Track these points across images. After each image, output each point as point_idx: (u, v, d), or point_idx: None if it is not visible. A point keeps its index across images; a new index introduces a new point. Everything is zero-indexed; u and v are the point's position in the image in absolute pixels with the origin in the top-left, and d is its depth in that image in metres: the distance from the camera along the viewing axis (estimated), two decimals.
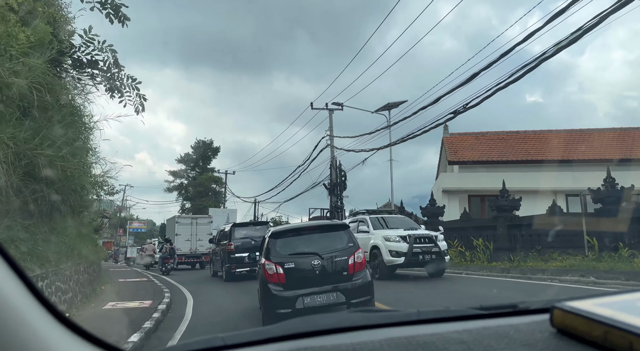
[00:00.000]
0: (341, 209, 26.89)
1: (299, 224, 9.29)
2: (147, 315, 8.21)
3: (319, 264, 6.99)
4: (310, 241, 7.48)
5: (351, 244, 7.41)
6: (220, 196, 57.53)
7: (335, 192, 26.78)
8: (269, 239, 7.51)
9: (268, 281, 6.99)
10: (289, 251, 7.26)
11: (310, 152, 27.49)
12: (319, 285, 6.92)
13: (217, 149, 66.69)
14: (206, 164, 64.87)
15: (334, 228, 7.94)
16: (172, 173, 65.59)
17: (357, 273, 7.16)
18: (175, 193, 65.11)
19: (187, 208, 63.04)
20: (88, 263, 12.32)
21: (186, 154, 66.17)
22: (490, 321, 1.00)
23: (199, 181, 60.42)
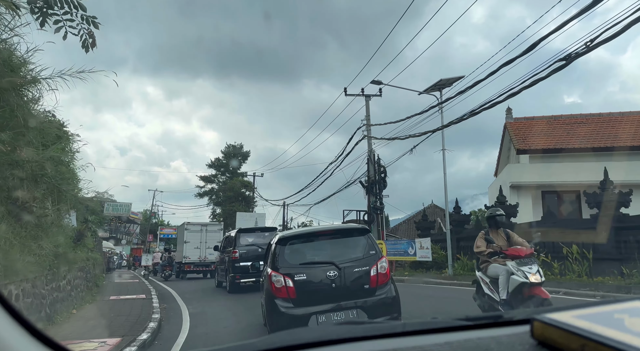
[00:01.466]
0: (381, 210, 22.52)
1: (312, 229, 7.95)
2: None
3: (336, 276, 5.99)
4: (325, 248, 6.45)
5: (373, 251, 6.35)
6: (250, 200, 54.30)
7: (373, 190, 22.48)
8: (276, 245, 6.38)
9: (275, 296, 5.96)
10: (299, 260, 6.23)
11: (344, 146, 23.34)
12: (335, 301, 5.90)
13: (246, 153, 64.16)
14: (236, 168, 62.56)
15: (352, 233, 6.79)
16: (203, 178, 63.54)
17: (380, 287, 6.10)
18: (206, 198, 63.05)
19: (218, 213, 61.13)
20: (57, 275, 8.78)
21: (216, 159, 64.03)
22: (473, 332, 0.99)
23: (229, 185, 57.84)
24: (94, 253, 17.93)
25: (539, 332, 0.79)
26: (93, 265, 15.74)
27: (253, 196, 52.76)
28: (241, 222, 42.25)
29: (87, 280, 13.93)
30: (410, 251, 19.92)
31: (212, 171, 62.81)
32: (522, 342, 0.83)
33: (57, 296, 9.18)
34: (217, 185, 61.86)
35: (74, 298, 10.83)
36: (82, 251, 13.04)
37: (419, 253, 19.44)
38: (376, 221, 22.34)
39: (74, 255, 11.44)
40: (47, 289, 8.47)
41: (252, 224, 42.19)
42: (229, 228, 51.99)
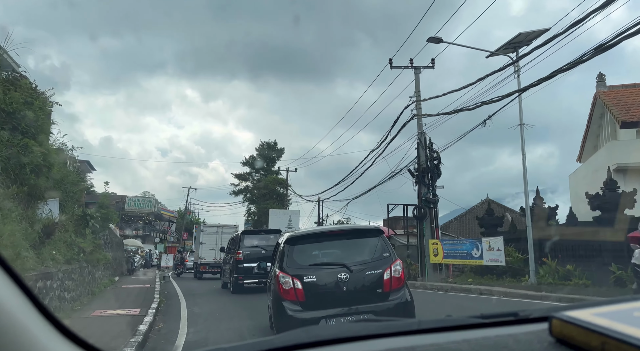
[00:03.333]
0: (435, 203, 18.42)
1: (322, 228, 7.76)
2: None
3: (347, 279, 5.39)
4: (336, 249, 5.92)
5: (387, 254, 5.75)
6: (284, 197, 51.08)
7: (425, 180, 18.42)
8: (285, 245, 5.83)
9: (283, 298, 5.42)
10: (309, 261, 5.67)
11: (388, 130, 19.37)
12: (346, 305, 5.32)
13: (281, 150, 61.16)
14: (270, 166, 59.76)
15: (365, 234, 6.24)
16: (238, 176, 61.06)
17: (394, 291, 5.52)
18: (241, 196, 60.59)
19: (253, 211, 58.63)
20: None
21: (251, 157, 61.40)
22: (490, 330, 0.96)
23: (263, 183, 55.03)
24: (98, 252, 14.79)
25: (557, 330, 0.77)
26: (90, 267, 12.53)
27: (287, 193, 49.54)
28: (274, 219, 39.03)
29: (76, 287, 10.67)
30: (475, 254, 15.77)
31: (247, 169, 60.36)
32: (541, 340, 0.81)
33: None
34: (251, 183, 59.38)
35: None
36: (61, 250, 9.76)
37: (486, 255, 15.27)
38: (429, 216, 18.26)
39: (38, 257, 8.12)
40: None
41: (286, 222, 38.97)
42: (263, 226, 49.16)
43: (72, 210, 12.62)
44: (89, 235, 14.11)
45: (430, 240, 17.82)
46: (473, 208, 28.30)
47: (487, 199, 28.74)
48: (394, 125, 19.02)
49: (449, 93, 14.42)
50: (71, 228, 12.17)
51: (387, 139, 19.56)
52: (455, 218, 26.96)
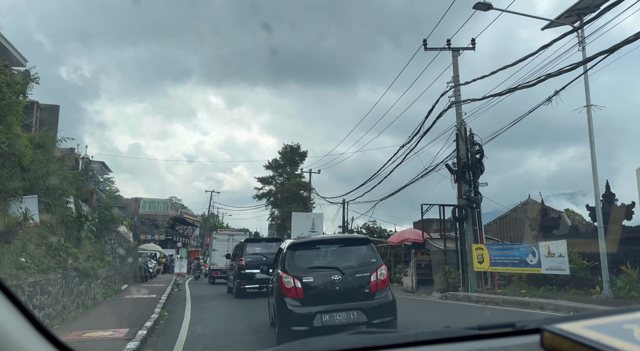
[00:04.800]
0: (477, 203, 15.95)
1: (319, 237, 8.38)
2: None
3: (339, 280, 6.17)
4: (330, 255, 6.70)
5: (374, 260, 6.57)
6: (308, 201, 48.94)
7: (466, 177, 15.99)
8: (287, 251, 6.64)
9: (285, 295, 6.16)
10: (307, 265, 6.46)
11: (422, 121, 17.02)
12: (338, 302, 6.07)
13: (304, 153, 59.30)
14: (294, 169, 57.95)
15: (355, 242, 7.09)
16: (261, 180, 59.53)
17: (379, 292, 6.30)
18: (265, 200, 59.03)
19: (276, 215, 56.97)
20: None
21: (274, 160, 59.77)
22: (484, 342, 0.97)
23: (286, 187, 53.23)
24: (99, 258, 13.00)
25: (548, 342, 0.77)
26: (83, 277, 10.68)
27: (310, 196, 47.46)
28: (297, 223, 36.94)
29: (55, 302, 8.81)
30: (531, 261, 13.23)
31: (270, 173, 58.77)
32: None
33: None
34: (274, 187, 57.76)
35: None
36: (36, 257, 7.88)
37: (545, 262, 12.72)
38: (471, 217, 15.80)
39: None
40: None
41: (309, 225, 36.80)
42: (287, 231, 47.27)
43: (64, 210, 10.82)
44: (86, 239, 12.32)
45: (473, 245, 15.35)
46: (514, 210, 25.49)
47: (542, 201, 25.74)
48: (429, 114, 16.69)
49: (499, 71, 11.99)
50: (60, 231, 10.37)
51: (421, 131, 17.23)
52: (494, 220, 24.30)
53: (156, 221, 45.31)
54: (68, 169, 12.32)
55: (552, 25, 11.99)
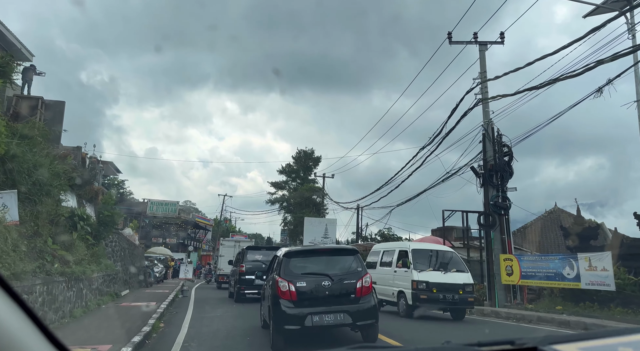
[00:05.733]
0: (506, 209, 14.52)
1: (312, 247, 9.77)
2: None
3: (329, 285, 6.79)
4: (322, 263, 7.25)
5: (360, 269, 7.18)
6: (321, 207, 47.58)
7: (493, 181, 14.60)
8: (283, 258, 7.25)
9: (280, 297, 6.70)
10: (301, 271, 7.03)
11: (444, 121, 15.69)
12: (327, 305, 6.69)
13: (318, 158, 58.13)
14: (307, 174, 56.83)
15: (344, 253, 7.77)
16: (274, 184, 58.51)
17: (364, 297, 6.90)
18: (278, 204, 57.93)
19: (289, 220, 55.86)
20: None
21: (287, 165, 58.77)
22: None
23: (299, 192, 52.04)
24: (95, 262, 11.97)
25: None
26: (73, 282, 9.62)
27: (323, 202, 46.15)
28: (309, 228, 35.70)
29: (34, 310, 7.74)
30: (569, 274, 11.75)
31: (283, 178, 57.75)
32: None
33: None
34: (287, 192, 56.62)
35: None
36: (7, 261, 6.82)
37: (586, 276, 11.24)
38: (500, 225, 14.37)
39: None
40: None
41: (322, 231, 35.54)
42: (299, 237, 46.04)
43: (55, 209, 9.80)
44: (80, 241, 11.30)
45: (501, 255, 13.92)
46: (538, 219, 23.86)
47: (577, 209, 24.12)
48: (452, 113, 15.38)
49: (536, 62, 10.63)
50: (47, 231, 9.34)
51: (443, 131, 15.90)
52: (518, 229, 22.72)
53: (168, 224, 44.58)
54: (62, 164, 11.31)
55: (597, 11, 10.63)
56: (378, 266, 13.19)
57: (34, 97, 16.98)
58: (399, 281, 12.02)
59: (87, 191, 16.31)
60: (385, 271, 12.75)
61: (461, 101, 14.96)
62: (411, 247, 12.26)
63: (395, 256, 12.49)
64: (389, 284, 12.35)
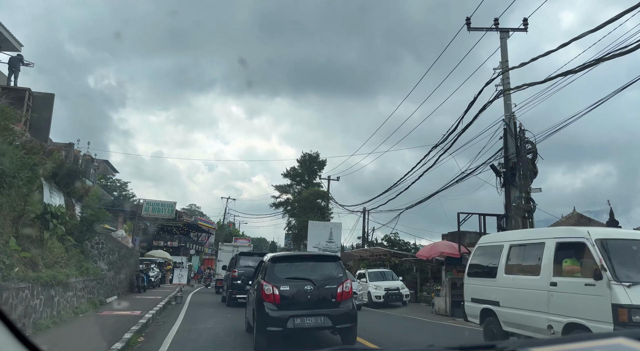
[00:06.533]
0: (530, 212, 13.08)
1: (296, 253, 10.01)
2: None
3: (311, 290, 7.01)
4: (305, 268, 7.47)
5: (341, 275, 7.44)
6: (325, 210, 46.06)
7: (515, 180, 13.18)
8: (269, 263, 7.51)
9: (264, 300, 6.93)
10: (285, 275, 7.24)
11: (461, 115, 14.32)
12: (309, 309, 6.92)
13: (323, 162, 56.85)
14: (312, 178, 55.53)
15: (327, 259, 8.06)
16: (278, 188, 57.24)
17: (344, 301, 7.15)
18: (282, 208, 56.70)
19: (293, 224, 54.55)
20: None
21: (292, 168, 57.55)
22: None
23: (304, 195, 50.69)
24: (73, 266, 10.68)
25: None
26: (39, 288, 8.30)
27: (327, 206, 44.68)
28: (314, 232, 34.29)
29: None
30: None
31: (288, 181, 56.49)
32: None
33: None
34: (292, 196, 55.37)
35: None
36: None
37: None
38: (524, 228, 12.91)
39: None
40: None
41: (327, 235, 34.11)
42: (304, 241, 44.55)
43: (22, 206, 8.51)
44: (56, 241, 10.01)
45: None
46: (556, 224, 22.33)
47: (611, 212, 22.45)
48: (469, 108, 13.99)
49: (572, 42, 9.25)
50: (10, 230, 8.04)
51: (459, 127, 14.51)
52: None
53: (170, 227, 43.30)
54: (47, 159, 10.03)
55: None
56: (501, 272, 7.73)
57: (20, 88, 15.85)
58: (565, 305, 6.33)
59: (76, 188, 15.07)
60: (522, 282, 7.22)
61: (480, 93, 13.58)
62: (595, 235, 6.21)
63: (550, 253, 6.71)
64: (535, 309, 6.79)
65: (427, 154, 17.10)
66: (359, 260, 26.95)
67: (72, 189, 14.95)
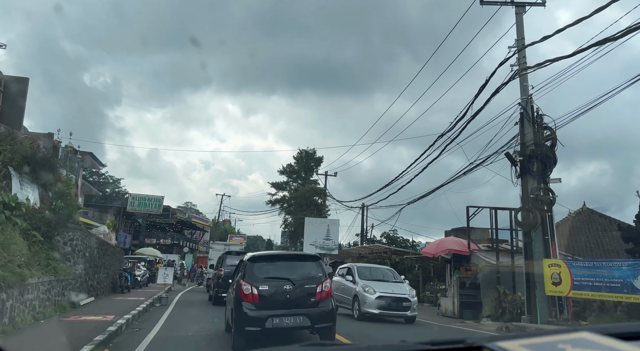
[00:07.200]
0: (549, 204, 11.81)
1: (276, 252, 9.61)
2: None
3: (290, 289, 6.93)
4: (285, 268, 7.43)
5: (320, 274, 7.38)
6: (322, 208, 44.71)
7: (533, 170, 11.90)
8: (248, 262, 7.38)
9: (243, 300, 6.85)
10: (264, 275, 7.15)
11: (471, 101, 13.02)
12: (288, 308, 6.85)
13: (320, 159, 55.63)
14: (309, 175, 54.33)
15: (307, 259, 8.03)
16: (274, 185, 55.99)
17: (323, 301, 7.10)
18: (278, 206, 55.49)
19: (289, 222, 53.42)
20: None
21: (288, 165, 56.31)
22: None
23: (300, 192, 49.47)
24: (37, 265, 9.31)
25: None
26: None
27: (324, 203, 43.32)
28: (310, 229, 32.95)
29: None
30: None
31: (284, 178, 55.24)
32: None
33: None
34: (288, 193, 54.15)
35: None
36: None
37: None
38: (544, 223, 11.66)
39: None
40: None
41: (324, 232, 32.79)
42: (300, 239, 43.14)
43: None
44: (17, 237, 8.63)
45: (545, 260, 11.19)
46: (565, 220, 21.15)
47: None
48: (480, 92, 12.69)
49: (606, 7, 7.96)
50: None
51: (467, 114, 13.21)
52: None
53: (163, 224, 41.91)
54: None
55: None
56: None
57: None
58: None
59: (52, 179, 13.69)
60: None
61: (493, 74, 12.28)
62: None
63: None
64: None
65: (433, 144, 15.82)
66: (358, 258, 25.66)
67: (49, 182, 13.59)
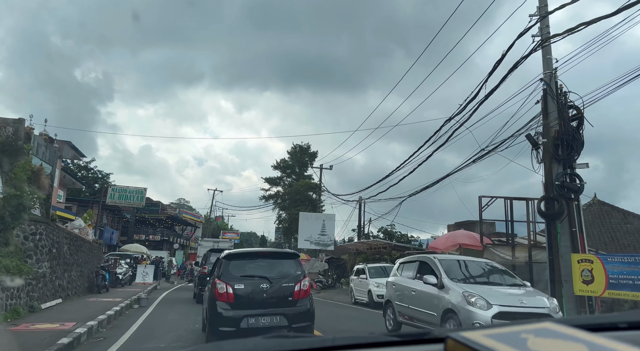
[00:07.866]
0: (576, 192, 10.40)
1: (253, 250, 8.90)
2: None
3: (267, 288, 6.74)
4: (262, 266, 7.20)
5: (299, 272, 7.16)
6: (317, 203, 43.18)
7: (559, 153, 10.48)
8: (223, 260, 7.10)
9: (217, 299, 6.61)
10: (240, 273, 6.93)
11: (485, 77, 11.57)
12: (264, 308, 6.66)
13: (314, 153, 54.17)
14: (303, 170, 52.89)
15: (285, 256, 7.74)
16: (268, 180, 54.44)
17: (301, 300, 6.90)
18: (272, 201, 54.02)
19: (283, 217, 52.05)
20: None
21: (282, 160, 54.72)
22: (395, 348, 0.98)
23: (295, 188, 48.01)
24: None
25: (451, 349, 0.80)
26: None
27: (320, 197, 41.80)
28: (305, 224, 31.46)
29: None
30: None
31: (278, 173, 53.72)
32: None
33: None
34: (282, 188, 52.74)
35: None
36: None
37: None
38: (571, 213, 10.25)
39: None
40: None
41: (319, 227, 31.32)
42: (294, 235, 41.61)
43: None
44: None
45: (574, 255, 9.78)
46: None
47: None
48: (495, 68, 11.23)
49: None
50: None
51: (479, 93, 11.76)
52: None
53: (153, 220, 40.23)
54: None
55: None
56: None
57: None
58: None
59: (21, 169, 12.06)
60: None
61: (511, 47, 10.81)
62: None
63: None
64: None
65: (439, 130, 14.36)
66: (355, 254, 24.23)
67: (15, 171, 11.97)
